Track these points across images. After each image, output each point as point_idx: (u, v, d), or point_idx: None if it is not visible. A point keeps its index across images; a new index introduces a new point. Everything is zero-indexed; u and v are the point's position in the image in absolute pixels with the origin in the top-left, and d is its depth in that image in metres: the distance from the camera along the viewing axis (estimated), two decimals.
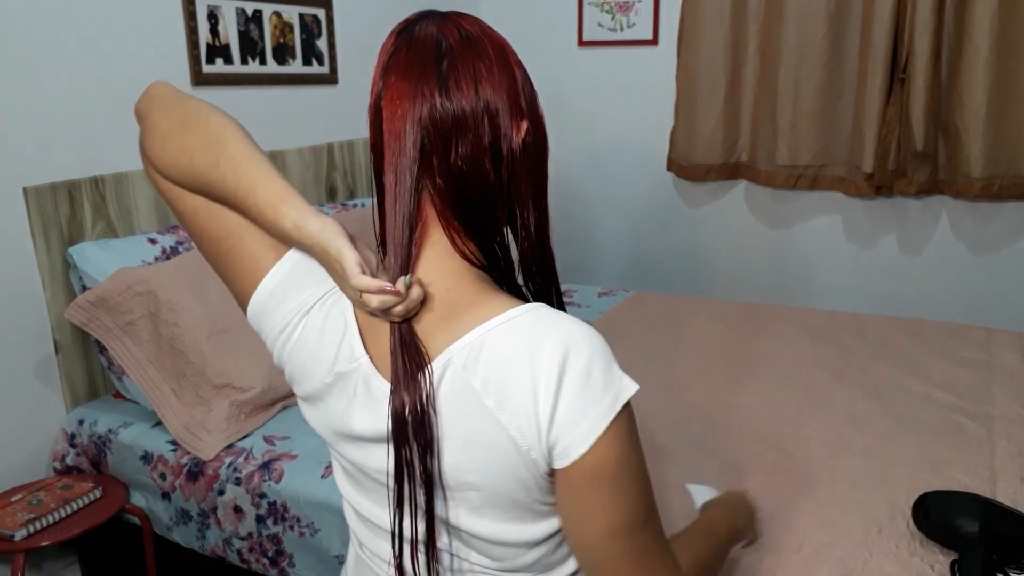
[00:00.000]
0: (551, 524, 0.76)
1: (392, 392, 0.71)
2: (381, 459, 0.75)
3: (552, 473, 0.70)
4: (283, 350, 0.80)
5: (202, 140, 0.78)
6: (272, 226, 0.75)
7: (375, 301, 0.69)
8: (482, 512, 0.74)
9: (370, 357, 0.75)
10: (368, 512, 0.83)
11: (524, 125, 0.75)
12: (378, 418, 0.73)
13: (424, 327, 0.73)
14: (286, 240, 0.77)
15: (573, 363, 0.67)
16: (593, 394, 0.67)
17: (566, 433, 0.67)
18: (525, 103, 0.75)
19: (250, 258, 0.80)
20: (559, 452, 0.68)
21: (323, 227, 0.72)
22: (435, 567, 0.78)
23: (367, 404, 0.74)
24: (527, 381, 0.67)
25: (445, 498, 0.75)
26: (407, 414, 0.70)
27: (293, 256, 0.79)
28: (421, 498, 0.74)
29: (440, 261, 0.74)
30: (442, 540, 0.79)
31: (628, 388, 0.69)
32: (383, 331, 0.74)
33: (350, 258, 0.70)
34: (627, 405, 0.69)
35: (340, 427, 0.77)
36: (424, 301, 0.72)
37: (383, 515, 0.81)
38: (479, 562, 0.79)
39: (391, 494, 0.75)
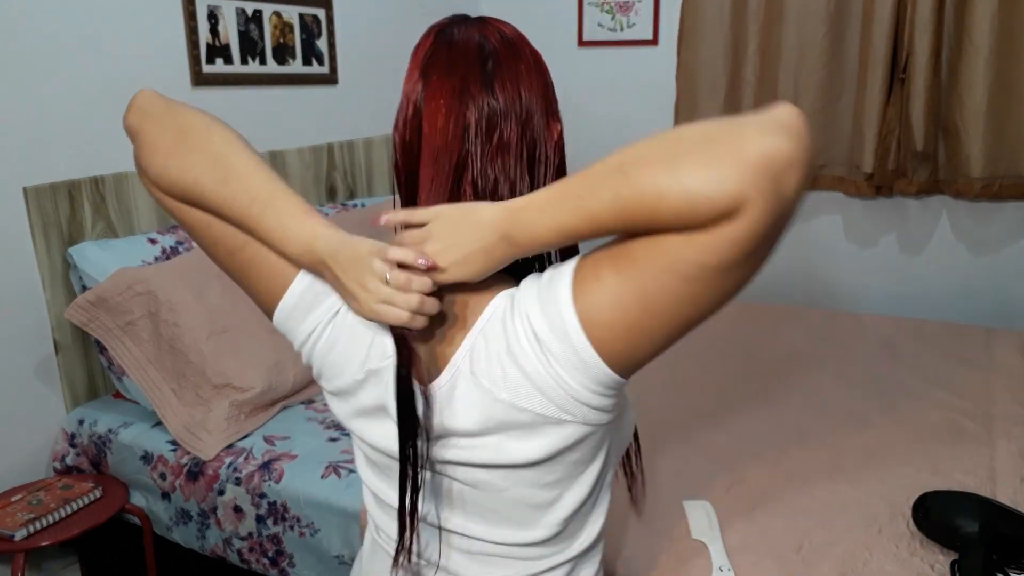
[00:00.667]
0: (584, 484, 0.78)
1: (398, 401, 0.74)
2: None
3: (603, 399, 0.71)
4: (312, 350, 0.81)
5: (206, 157, 0.77)
6: (296, 239, 0.74)
7: (403, 279, 0.68)
8: (521, 476, 0.76)
9: None
10: (387, 497, 0.85)
11: (558, 127, 0.78)
12: None
13: (440, 329, 0.75)
14: (309, 251, 0.74)
15: (536, 317, 0.69)
16: (550, 302, 0.68)
17: (560, 358, 0.68)
18: (555, 105, 0.78)
19: (273, 264, 0.79)
20: (586, 352, 0.67)
21: (350, 236, 0.73)
22: (446, 549, 0.82)
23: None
24: (530, 361, 0.69)
25: (482, 470, 0.76)
26: (414, 417, 0.73)
27: None
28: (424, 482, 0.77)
29: None
30: (454, 520, 0.81)
31: (566, 272, 0.69)
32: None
33: (385, 247, 0.70)
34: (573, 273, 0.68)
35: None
36: (444, 297, 0.75)
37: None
38: (494, 537, 0.80)
39: (416, 483, 0.78)
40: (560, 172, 0.80)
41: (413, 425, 0.74)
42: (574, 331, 0.67)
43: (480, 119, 0.73)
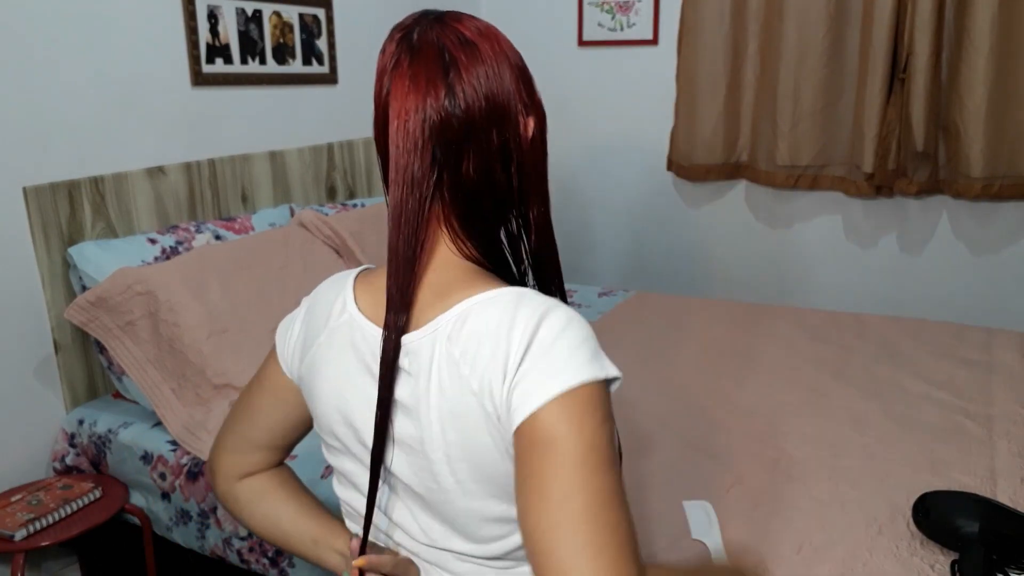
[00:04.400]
0: None
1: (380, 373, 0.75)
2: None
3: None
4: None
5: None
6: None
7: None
8: (466, 484, 0.74)
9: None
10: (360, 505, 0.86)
11: (531, 122, 0.77)
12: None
13: (420, 305, 0.75)
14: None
15: (543, 333, 0.68)
16: (551, 362, 0.67)
17: (521, 391, 0.67)
18: (529, 98, 0.76)
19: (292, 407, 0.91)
20: (514, 409, 0.67)
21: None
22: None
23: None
24: (501, 348, 0.69)
25: (431, 472, 0.75)
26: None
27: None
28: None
29: (439, 255, 0.77)
30: (417, 525, 0.80)
31: (597, 371, 0.68)
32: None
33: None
34: (600, 387, 0.68)
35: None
36: (422, 284, 0.75)
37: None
38: (462, 549, 0.79)
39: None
40: (537, 165, 0.78)
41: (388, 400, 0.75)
42: (519, 407, 0.68)
43: (449, 134, 0.72)
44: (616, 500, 0.65)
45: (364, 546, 0.83)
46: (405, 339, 0.74)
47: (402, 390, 0.75)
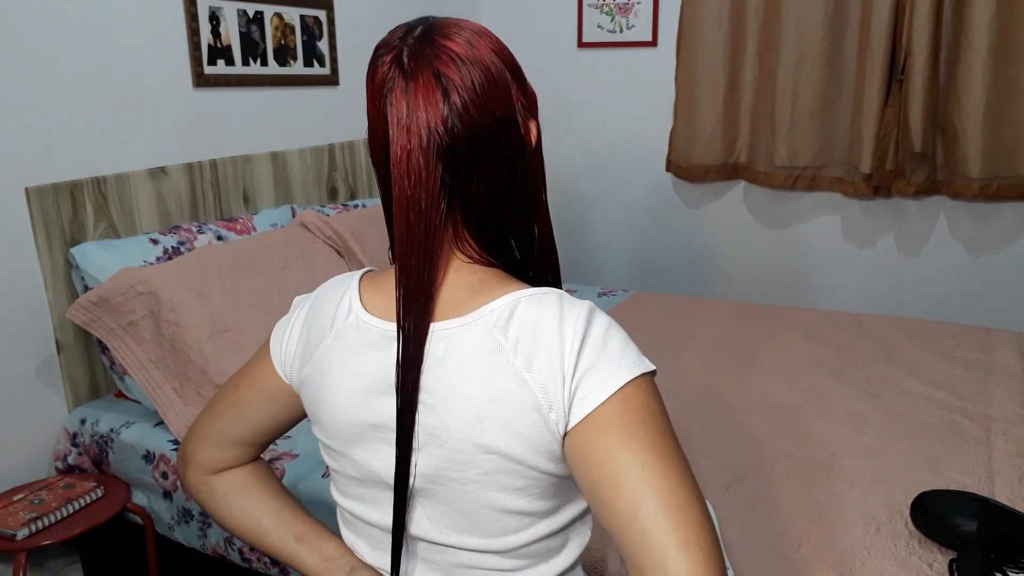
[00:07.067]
0: (557, 502, 0.78)
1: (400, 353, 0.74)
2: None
3: (566, 437, 0.72)
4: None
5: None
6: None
7: None
8: (492, 476, 0.74)
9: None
10: (367, 516, 0.86)
11: (534, 127, 0.77)
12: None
13: (452, 303, 0.75)
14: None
15: (594, 330, 0.72)
16: (611, 356, 0.71)
17: (585, 385, 0.70)
18: (525, 98, 0.76)
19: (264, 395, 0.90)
20: (578, 403, 0.70)
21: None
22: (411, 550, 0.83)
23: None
24: (556, 343, 0.71)
25: (453, 461, 0.75)
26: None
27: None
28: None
29: (453, 269, 0.77)
30: (423, 526, 0.80)
31: (648, 365, 0.74)
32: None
33: None
34: (649, 378, 0.73)
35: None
36: (445, 286, 0.76)
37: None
38: (474, 545, 0.79)
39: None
40: (539, 168, 0.79)
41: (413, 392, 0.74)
42: (584, 400, 0.70)
43: (453, 157, 0.71)
44: (690, 472, 0.73)
45: (396, 558, 0.81)
46: (439, 325, 0.74)
47: (426, 378, 0.74)
